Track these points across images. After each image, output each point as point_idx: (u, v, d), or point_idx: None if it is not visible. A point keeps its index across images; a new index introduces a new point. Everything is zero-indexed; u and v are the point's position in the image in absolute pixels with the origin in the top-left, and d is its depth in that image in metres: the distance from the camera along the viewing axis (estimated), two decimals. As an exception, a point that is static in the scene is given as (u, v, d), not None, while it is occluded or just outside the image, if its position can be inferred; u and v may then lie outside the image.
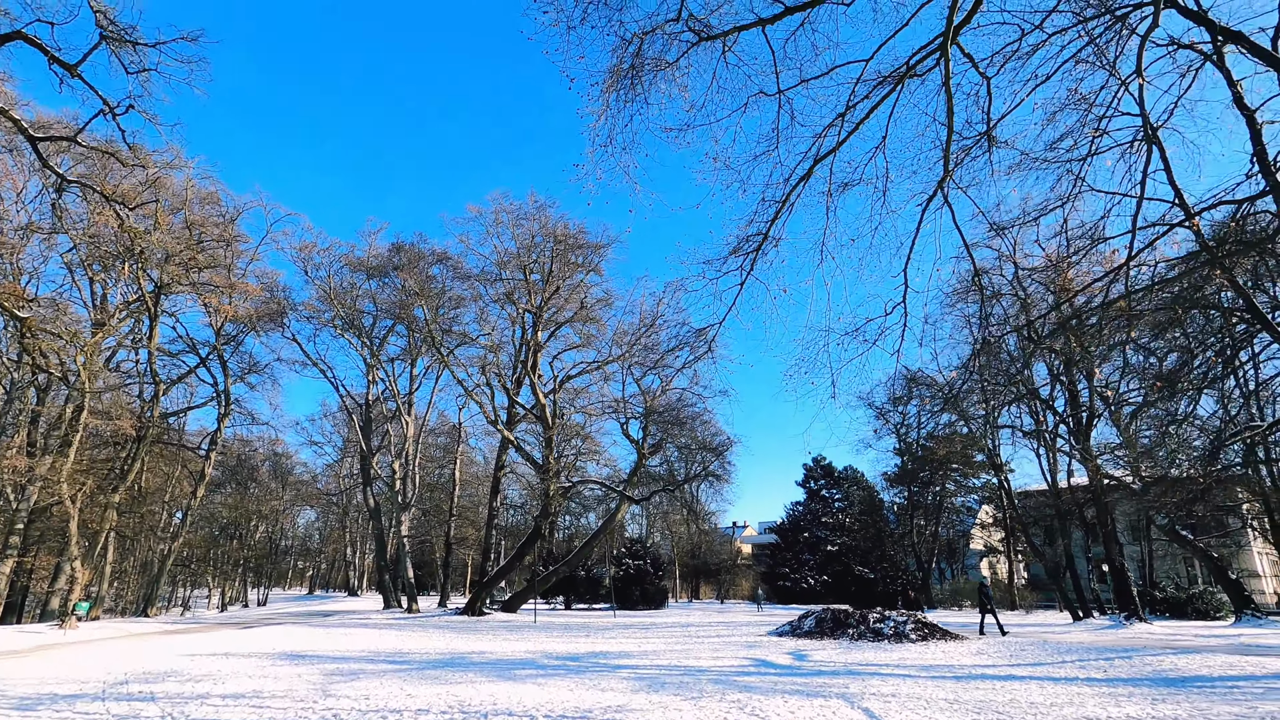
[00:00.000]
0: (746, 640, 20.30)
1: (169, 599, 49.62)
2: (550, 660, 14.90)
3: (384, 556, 38.92)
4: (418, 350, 38.75)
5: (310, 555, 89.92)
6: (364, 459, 37.14)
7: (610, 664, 14.31)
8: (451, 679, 11.52)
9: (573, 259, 29.57)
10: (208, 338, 35.99)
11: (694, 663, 14.27)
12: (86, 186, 13.86)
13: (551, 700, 9.40)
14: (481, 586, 31.66)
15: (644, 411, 33.91)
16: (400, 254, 38.05)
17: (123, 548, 40.99)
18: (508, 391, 30.57)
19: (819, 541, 57.69)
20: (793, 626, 23.08)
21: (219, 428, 34.93)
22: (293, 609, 45.94)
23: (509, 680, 11.41)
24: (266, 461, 60.07)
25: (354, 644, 18.57)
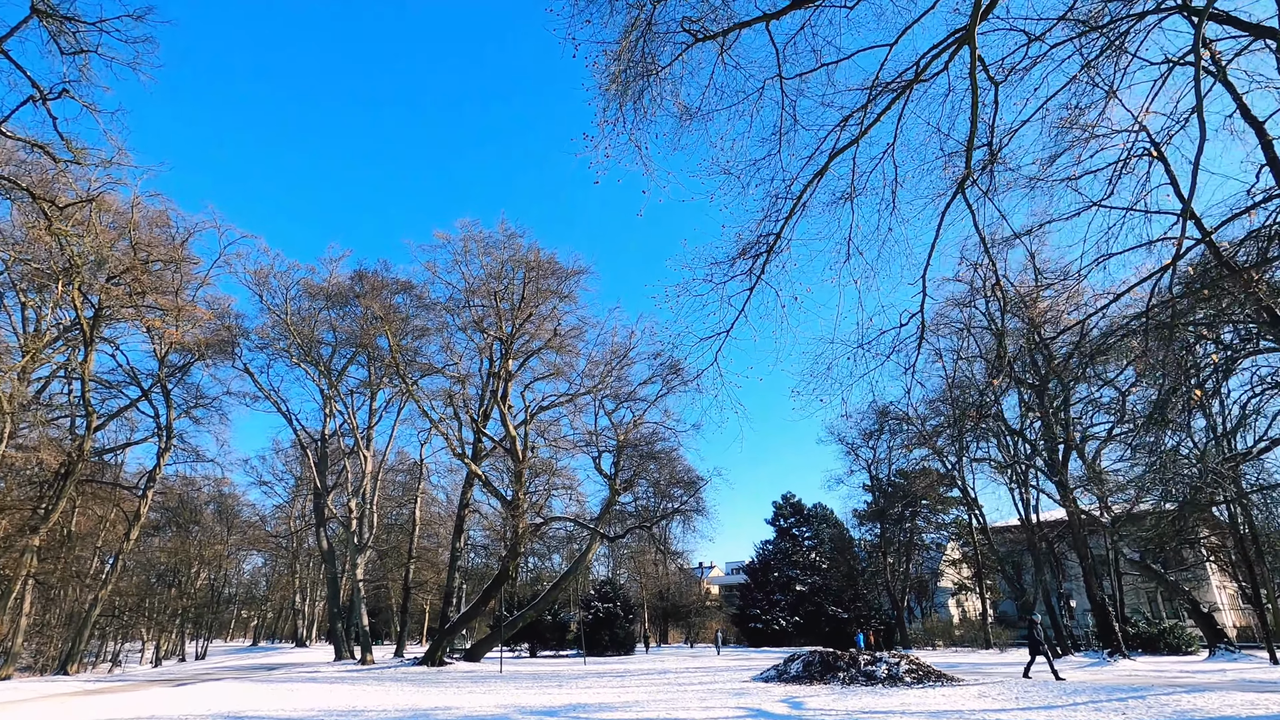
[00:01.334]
0: (732, 688, 18.98)
1: (96, 654, 45.51)
2: (525, 715, 13.43)
3: (337, 603, 36.33)
4: (379, 382, 37.00)
5: (255, 604, 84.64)
6: (318, 497, 34.88)
7: (592, 718, 12.93)
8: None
9: (545, 285, 28.63)
10: (151, 368, 33.71)
11: (684, 714, 12.98)
12: (7, 181, 12.44)
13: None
14: (442, 634, 29.56)
15: (616, 445, 32.74)
16: (363, 282, 36.53)
17: (45, 598, 37.46)
18: (475, 424, 29.10)
19: (790, 581, 56.53)
20: (779, 671, 21.83)
21: (158, 464, 32.47)
22: (234, 662, 42.59)
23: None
24: (211, 503, 56.48)
25: (302, 702, 16.68)
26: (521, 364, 28.78)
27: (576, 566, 32.34)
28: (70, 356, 32.68)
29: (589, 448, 30.71)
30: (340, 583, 36.52)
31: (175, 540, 50.23)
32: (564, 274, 28.94)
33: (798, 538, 62.92)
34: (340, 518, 35.10)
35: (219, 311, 32.81)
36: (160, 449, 32.43)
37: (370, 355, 36.89)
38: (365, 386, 37.81)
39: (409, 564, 37.96)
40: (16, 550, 27.18)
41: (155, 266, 27.18)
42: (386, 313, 30.29)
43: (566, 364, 29.52)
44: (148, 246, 26.01)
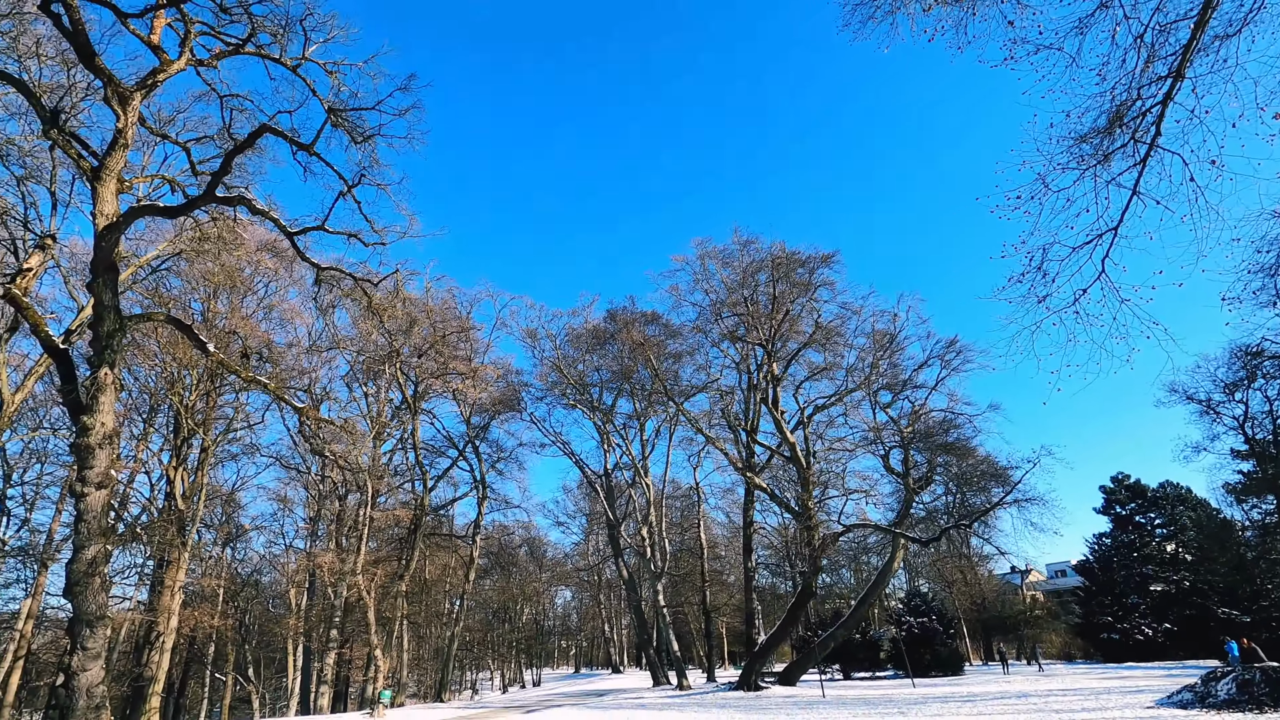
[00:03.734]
0: (1135, 716, 14.83)
1: (459, 682, 53.13)
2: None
3: (645, 630, 37.52)
4: (646, 412, 38.26)
5: (571, 634, 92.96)
6: (611, 529, 36.70)
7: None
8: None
9: (796, 278, 27.06)
10: (461, 431, 38.84)
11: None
12: (339, 271, 14.77)
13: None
14: (755, 657, 28.52)
15: (901, 440, 29.34)
16: (614, 320, 38.48)
17: (416, 636, 44.56)
18: (749, 435, 28.19)
19: (1144, 580, 45.99)
20: (1198, 695, 16.76)
21: (479, 512, 36.83)
22: (565, 688, 46.19)
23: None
24: (523, 545, 63.15)
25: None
26: (786, 366, 27.29)
27: (883, 577, 29.29)
28: (403, 431, 39.07)
29: (873, 445, 27.90)
30: (644, 610, 37.72)
31: (501, 580, 57.06)
32: (812, 262, 27.10)
33: (1144, 526, 51.43)
34: (634, 547, 36.40)
35: (503, 371, 36.73)
36: (479, 498, 36.81)
37: (633, 389, 38.46)
38: (634, 418, 39.36)
39: (704, 587, 37.94)
40: (392, 596, 32.44)
41: (451, 337, 31.16)
42: (643, 340, 31.20)
43: (834, 359, 27.34)
44: (443, 323, 30.00)
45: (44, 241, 14.52)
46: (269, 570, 45.66)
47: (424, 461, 34.99)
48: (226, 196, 13.10)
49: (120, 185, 12.96)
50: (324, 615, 34.95)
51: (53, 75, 17.32)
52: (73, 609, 12.16)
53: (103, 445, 12.31)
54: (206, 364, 29.04)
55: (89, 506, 12.21)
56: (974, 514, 24.25)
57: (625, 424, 38.89)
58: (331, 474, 40.51)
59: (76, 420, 12.28)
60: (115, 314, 12.47)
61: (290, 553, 42.91)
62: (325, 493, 40.61)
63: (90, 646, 12.09)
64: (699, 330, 34.01)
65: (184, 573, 27.16)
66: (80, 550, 12.13)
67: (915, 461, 30.35)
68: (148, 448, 34.90)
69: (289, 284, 32.12)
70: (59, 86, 16.05)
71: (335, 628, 34.22)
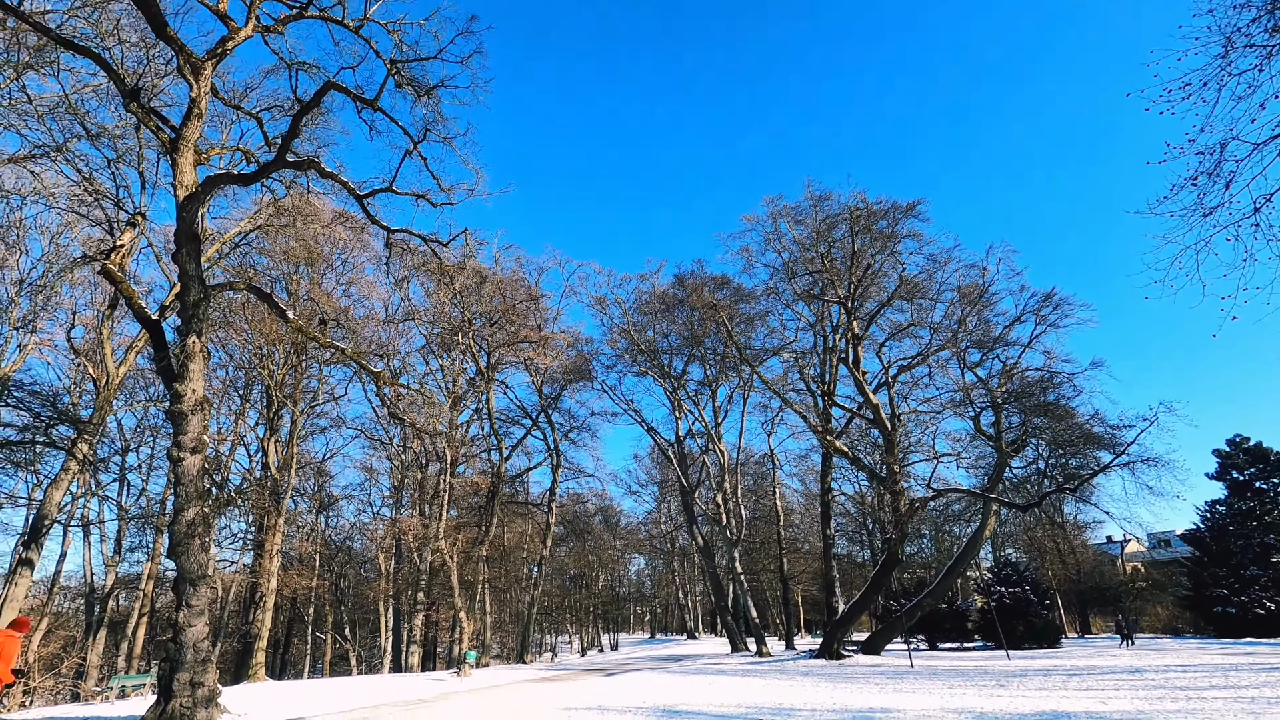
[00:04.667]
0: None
1: (539, 645, 54.80)
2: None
3: (722, 597, 37.32)
4: (718, 378, 37.57)
5: (645, 600, 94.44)
6: (685, 495, 36.41)
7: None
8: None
9: (878, 229, 25.43)
10: (534, 402, 39.29)
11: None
12: (409, 232, 14.70)
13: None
14: (837, 625, 27.77)
15: (991, 401, 27.50)
16: (682, 286, 37.77)
17: (498, 600, 45.97)
18: (827, 398, 27.07)
19: (1266, 550, 42.17)
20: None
21: (554, 480, 37.20)
22: (642, 653, 46.79)
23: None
24: (597, 514, 63.91)
25: (725, 697, 16.23)
26: (867, 324, 25.82)
27: (974, 545, 27.81)
28: (478, 402, 39.82)
29: (962, 407, 26.27)
30: (721, 577, 37.43)
31: (576, 548, 58.15)
32: (895, 213, 25.36)
33: (1265, 493, 47.05)
34: (709, 514, 36.02)
35: (573, 338, 36.69)
36: (553, 466, 37.19)
37: (703, 355, 37.75)
38: (705, 385, 38.69)
39: (781, 555, 37.28)
40: (473, 560, 33.34)
41: (521, 305, 31.21)
42: (715, 301, 30.47)
43: (919, 315, 25.66)
44: (512, 291, 30.05)
45: (135, 219, 15.08)
46: (359, 537, 47.93)
47: (499, 431, 35.55)
48: (296, 160, 13.13)
49: (198, 157, 13.14)
50: (410, 579, 36.37)
51: (135, 62, 17.85)
52: (177, 569, 12.69)
53: (194, 411, 12.69)
54: (292, 339, 30.20)
55: (185, 471, 12.65)
56: (1081, 477, 22.41)
57: (697, 391, 38.29)
58: (413, 445, 41.90)
59: (170, 388, 12.69)
60: (199, 284, 12.74)
61: (378, 520, 44.83)
62: (407, 463, 42.06)
63: (194, 604, 12.59)
64: (772, 292, 32.84)
65: (280, 537, 28.63)
66: (180, 513, 12.61)
67: (1008, 424, 28.48)
68: (245, 422, 36.91)
69: (365, 260, 32.95)
70: (140, 72, 16.48)
71: (421, 590, 35.57)
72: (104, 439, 25.43)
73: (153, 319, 13.20)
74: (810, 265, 27.82)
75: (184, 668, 12.26)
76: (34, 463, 19.35)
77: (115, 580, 34.40)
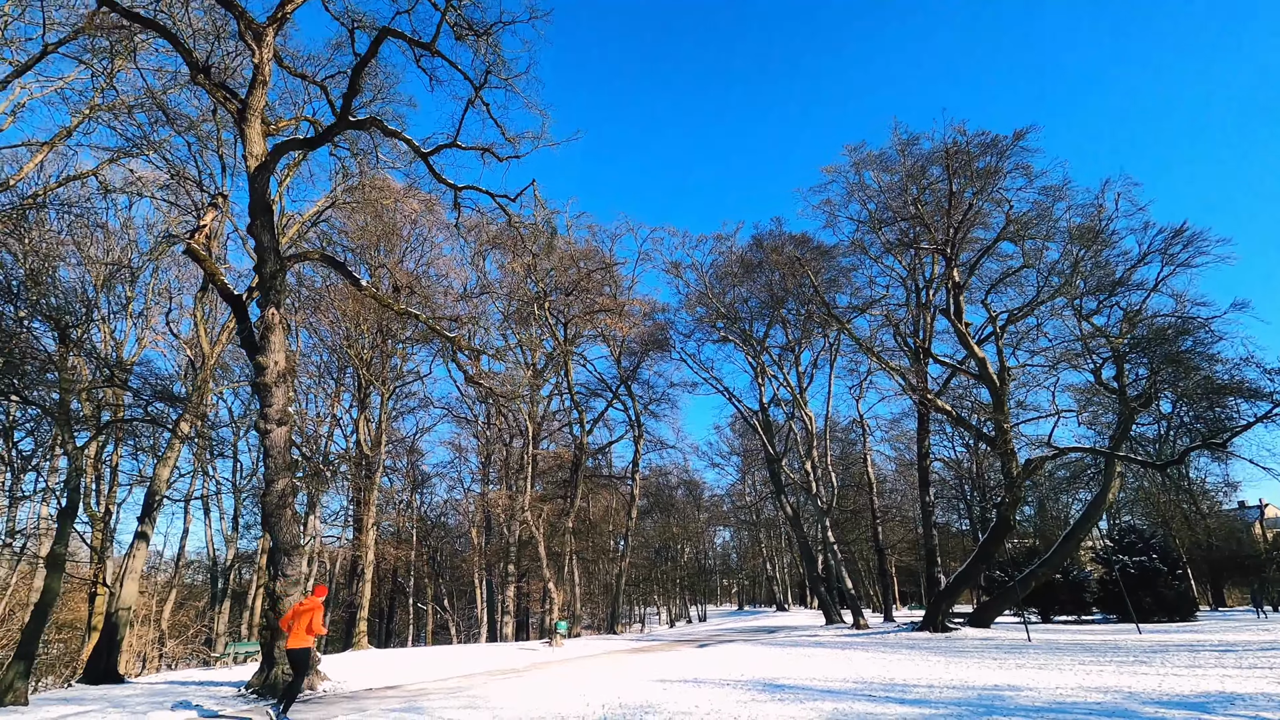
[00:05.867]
0: None
1: (628, 616, 55.33)
2: (1160, 709, 9.15)
3: (814, 568, 36.07)
4: (801, 342, 36.00)
5: (731, 572, 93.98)
6: (771, 463, 35.20)
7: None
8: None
9: (979, 166, 22.97)
10: (613, 375, 38.92)
11: None
12: (476, 189, 14.23)
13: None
14: (941, 596, 26.11)
15: (1113, 352, 24.72)
16: (760, 247, 36.27)
17: (586, 572, 46.43)
18: (923, 352, 25.09)
19: None
20: None
21: (636, 451, 36.84)
22: (731, 624, 46.16)
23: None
24: (680, 487, 63.56)
25: (828, 670, 15.23)
26: (970, 271, 23.52)
27: (1095, 509, 25.34)
28: (558, 377, 39.86)
29: (1079, 359, 23.70)
30: (813, 547, 36.12)
31: (661, 521, 58.07)
32: (1000, 145, 22.74)
33: None
34: (799, 482, 34.71)
35: (649, 307, 35.88)
36: (635, 438, 36.78)
37: (784, 320, 36.18)
38: (788, 349, 37.14)
39: (875, 523, 35.55)
40: (560, 533, 33.51)
41: (595, 273, 30.64)
42: (798, 257, 28.99)
43: (1031, 258, 23.07)
44: (585, 260, 29.51)
45: (215, 199, 15.35)
46: (452, 513, 49.49)
47: (579, 404, 35.41)
48: (359, 120, 12.85)
49: (266, 128, 13.02)
50: (501, 551, 37.11)
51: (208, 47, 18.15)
52: (271, 540, 12.85)
53: (278, 383, 12.73)
54: (376, 319, 30.91)
55: (273, 442, 12.73)
56: (1233, 429, 19.62)
57: (780, 356, 36.77)
58: (496, 421, 42.59)
59: (254, 361, 12.78)
60: (275, 255, 12.69)
61: (468, 496, 46.05)
62: (492, 439, 42.85)
63: (290, 573, 12.72)
64: (857, 247, 30.74)
65: (375, 511, 29.57)
66: (270, 484, 12.73)
67: (1132, 376, 25.61)
68: (340, 404, 38.42)
69: (442, 240, 33.31)
70: (210, 50, 16.69)
71: (512, 563, 36.22)
72: (211, 421, 26.82)
73: (235, 294, 13.31)
74: (901, 213, 25.70)
75: (283, 636, 12.43)
76: (153, 443, 20.48)
77: (235, 555, 36.73)
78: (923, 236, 24.81)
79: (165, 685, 14.36)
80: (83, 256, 25.34)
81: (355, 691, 12.90)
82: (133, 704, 11.40)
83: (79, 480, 12.93)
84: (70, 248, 24.95)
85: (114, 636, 16.31)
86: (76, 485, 12.84)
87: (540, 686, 13.22)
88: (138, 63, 16.62)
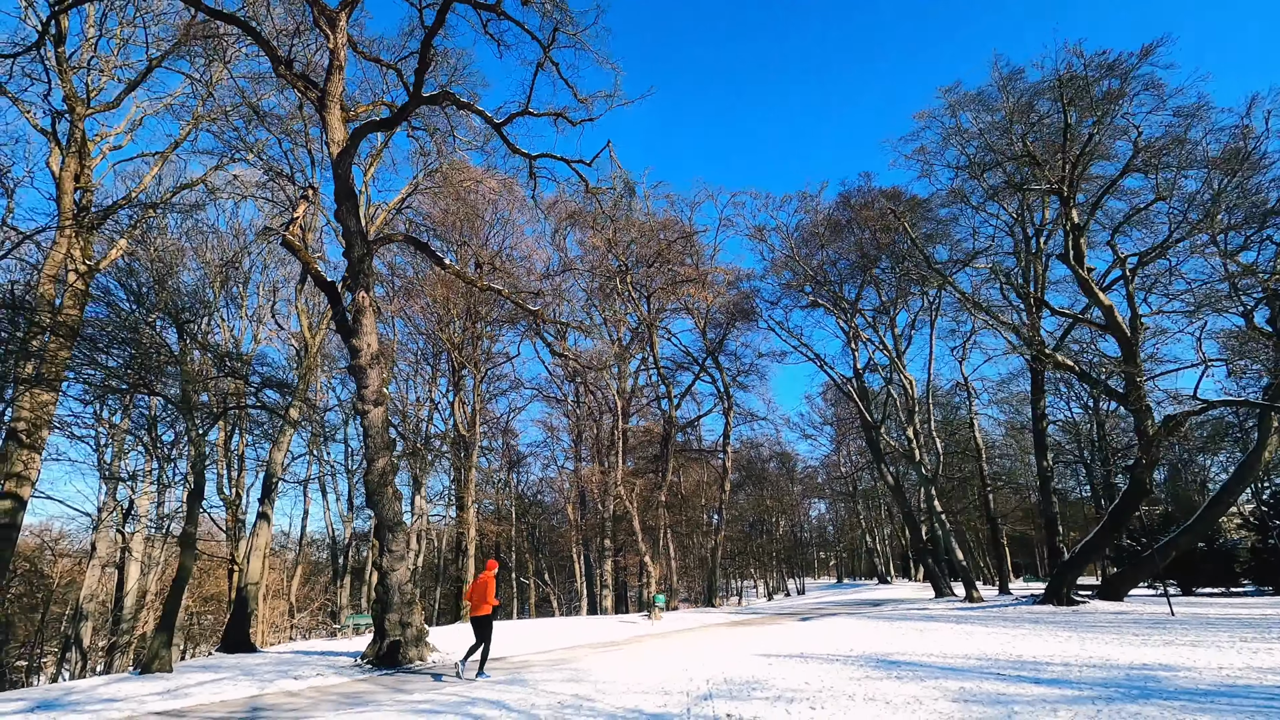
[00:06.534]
0: None
1: (725, 589, 55.08)
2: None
3: (919, 539, 34.40)
4: (896, 303, 34.06)
5: (829, 545, 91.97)
6: (869, 431, 33.63)
7: None
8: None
9: (1099, 91, 20.33)
10: (699, 347, 38.33)
11: None
12: (551, 156, 13.99)
13: None
14: (1066, 567, 24.12)
15: (1265, 292, 21.62)
16: (849, 206, 34.46)
17: (681, 546, 46.48)
18: (1039, 303, 22.88)
19: None
20: None
21: (727, 423, 36.16)
22: (832, 597, 45.00)
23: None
24: (772, 460, 62.36)
25: (946, 646, 14.27)
26: (1092, 209, 21.03)
27: (1249, 470, 22.47)
28: (644, 354, 39.70)
29: (1227, 301, 20.87)
30: (917, 517, 34.41)
31: (754, 494, 57.23)
32: (1122, 65, 19.92)
33: None
34: (899, 450, 33.03)
35: (733, 275, 34.89)
36: (724, 410, 36.12)
37: (877, 280, 34.32)
38: (882, 311, 35.22)
39: (985, 491, 33.41)
40: (653, 507, 33.51)
41: (676, 243, 30.02)
42: (892, 209, 27.28)
43: (1165, 188, 20.29)
44: (665, 231, 28.91)
45: (306, 192, 15.87)
46: (548, 491, 50.74)
47: (666, 378, 35.09)
48: (431, 95, 12.82)
49: (345, 114, 13.20)
50: (597, 526, 37.61)
51: (290, 43, 18.76)
52: (375, 517, 13.25)
53: (372, 365, 13.02)
54: (465, 303, 31.67)
55: (371, 423, 13.06)
56: None
57: (874, 318, 34.92)
58: (586, 399, 43.04)
59: (348, 344, 13.13)
60: (361, 239, 12.92)
61: (562, 474, 47.03)
62: (582, 416, 43.39)
63: (394, 549, 13.08)
64: (956, 197, 28.44)
65: (474, 489, 30.50)
66: (371, 463, 13.09)
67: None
68: (437, 389, 39.92)
69: (524, 222, 33.57)
70: (291, 45, 17.22)
71: (607, 537, 36.64)
72: (321, 407, 28.38)
73: (328, 281, 13.69)
74: (1006, 154, 23.40)
75: (392, 608, 12.82)
76: (270, 430, 21.88)
77: (351, 533, 39.11)
78: (1033, 178, 22.50)
79: (291, 654, 15.28)
80: (200, 260, 27.27)
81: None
82: (261, 672, 12.11)
83: (204, 465, 13.78)
84: (190, 254, 26.85)
85: (245, 609, 17.57)
86: (202, 470, 13.68)
87: (641, 660, 13.06)
88: (230, 68, 17.36)
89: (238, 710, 9.00)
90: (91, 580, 26.17)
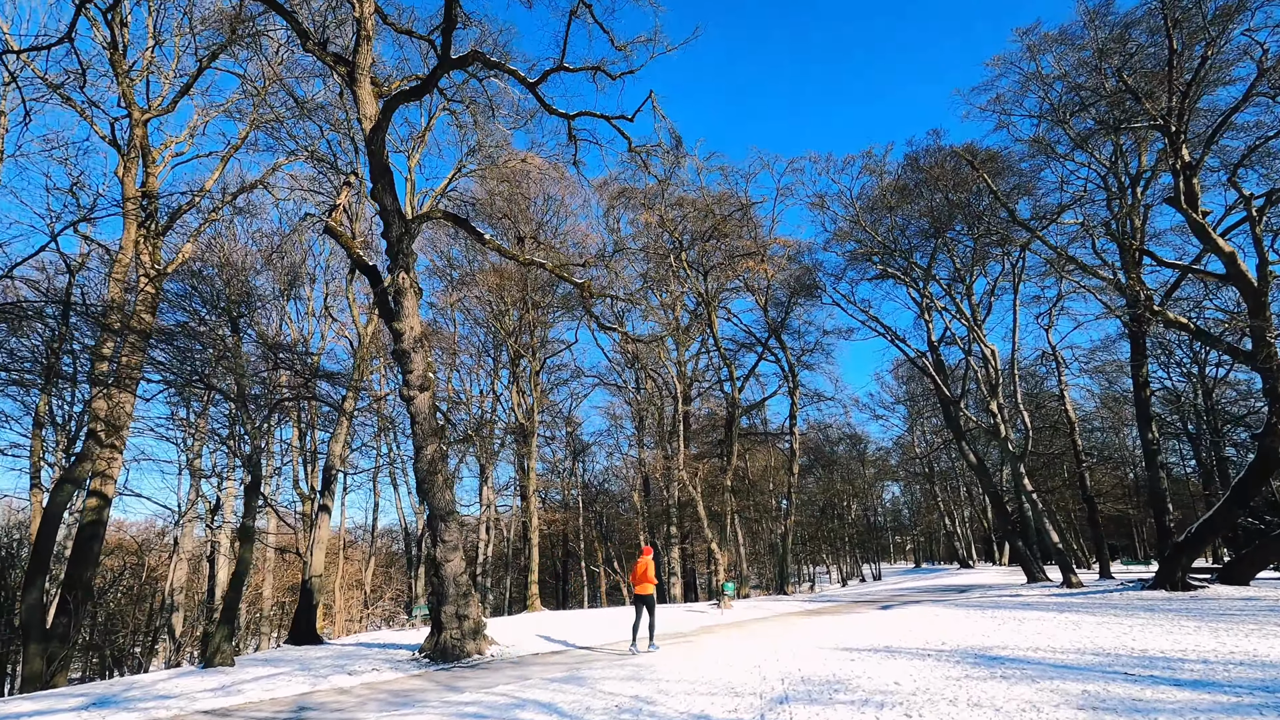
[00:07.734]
0: None
1: (797, 576, 53.49)
2: None
3: (1006, 520, 32.11)
4: (974, 265, 31.76)
5: (905, 529, 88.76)
6: (947, 407, 31.47)
7: None
8: None
9: (1212, 7, 17.73)
10: (761, 324, 36.87)
11: None
12: (590, 114, 13.15)
13: None
14: (1180, 549, 21.71)
15: None
16: (917, 168, 32.21)
17: (750, 532, 45.30)
18: (1141, 253, 20.43)
19: None
20: None
21: (793, 403, 34.69)
22: (911, 583, 42.87)
23: None
24: (842, 442, 60.11)
25: (1052, 639, 12.72)
26: (1206, 145, 18.39)
27: (1405, 437, 19.54)
28: (704, 336, 38.56)
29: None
30: (1002, 497, 32.09)
31: (824, 478, 55.30)
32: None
33: None
34: (983, 425, 30.81)
35: (793, 248, 33.29)
36: (790, 390, 34.64)
37: (950, 246, 32.03)
38: (957, 279, 32.85)
39: (1081, 469, 30.80)
40: (719, 492, 32.47)
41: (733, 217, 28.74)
42: (969, 160, 25.33)
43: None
44: (720, 204, 27.66)
45: (349, 179, 15.61)
46: (613, 480, 50.46)
47: (728, 359, 33.88)
48: (460, 57, 12.13)
49: (377, 90, 12.67)
50: (662, 514, 36.90)
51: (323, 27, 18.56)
52: (427, 507, 12.78)
53: (415, 349, 12.52)
54: (520, 291, 31.33)
55: (418, 409, 12.57)
56: None
57: (950, 286, 32.58)
58: (647, 385, 42.31)
59: (391, 329, 12.68)
60: (399, 218, 12.40)
61: (626, 461, 46.60)
62: (643, 402, 42.73)
63: (448, 539, 12.58)
64: (1039, 146, 25.97)
65: (535, 478, 30.21)
66: (420, 450, 12.61)
67: None
68: (499, 380, 40.03)
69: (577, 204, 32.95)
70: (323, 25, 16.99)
71: (673, 524, 35.87)
72: (379, 397, 28.62)
73: (369, 265, 13.29)
74: (1098, 93, 20.99)
75: (448, 600, 12.34)
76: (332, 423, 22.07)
77: (423, 524, 39.75)
78: (1131, 116, 20.07)
79: (354, 647, 15.13)
80: (265, 262, 27.82)
81: (522, 656, 12.64)
82: (319, 666, 11.85)
83: (259, 458, 13.66)
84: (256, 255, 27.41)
85: (310, 601, 17.65)
86: (257, 463, 13.58)
87: (709, 654, 12.15)
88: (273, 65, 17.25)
89: (283, 710, 8.61)
90: (179, 574, 27.29)
